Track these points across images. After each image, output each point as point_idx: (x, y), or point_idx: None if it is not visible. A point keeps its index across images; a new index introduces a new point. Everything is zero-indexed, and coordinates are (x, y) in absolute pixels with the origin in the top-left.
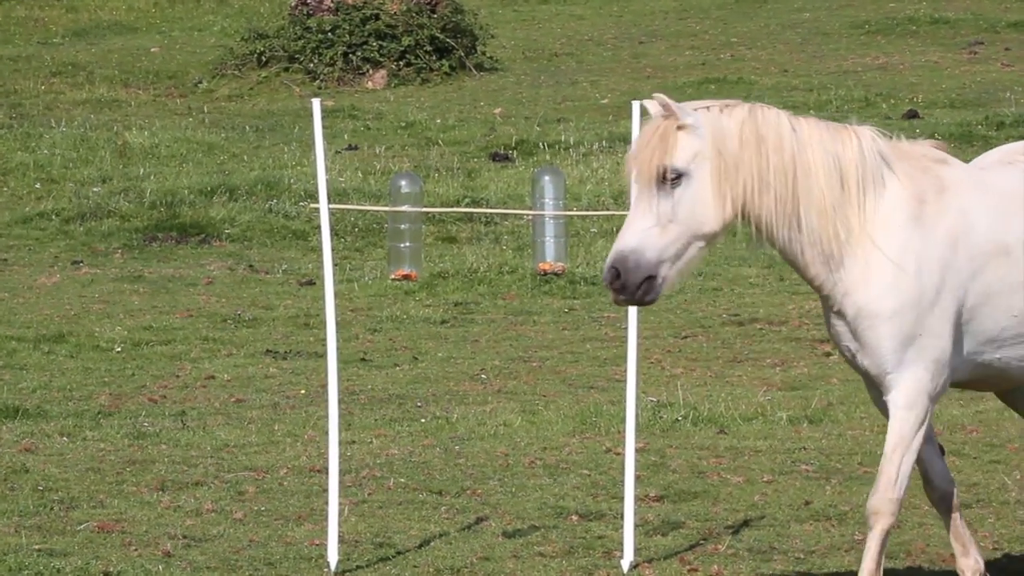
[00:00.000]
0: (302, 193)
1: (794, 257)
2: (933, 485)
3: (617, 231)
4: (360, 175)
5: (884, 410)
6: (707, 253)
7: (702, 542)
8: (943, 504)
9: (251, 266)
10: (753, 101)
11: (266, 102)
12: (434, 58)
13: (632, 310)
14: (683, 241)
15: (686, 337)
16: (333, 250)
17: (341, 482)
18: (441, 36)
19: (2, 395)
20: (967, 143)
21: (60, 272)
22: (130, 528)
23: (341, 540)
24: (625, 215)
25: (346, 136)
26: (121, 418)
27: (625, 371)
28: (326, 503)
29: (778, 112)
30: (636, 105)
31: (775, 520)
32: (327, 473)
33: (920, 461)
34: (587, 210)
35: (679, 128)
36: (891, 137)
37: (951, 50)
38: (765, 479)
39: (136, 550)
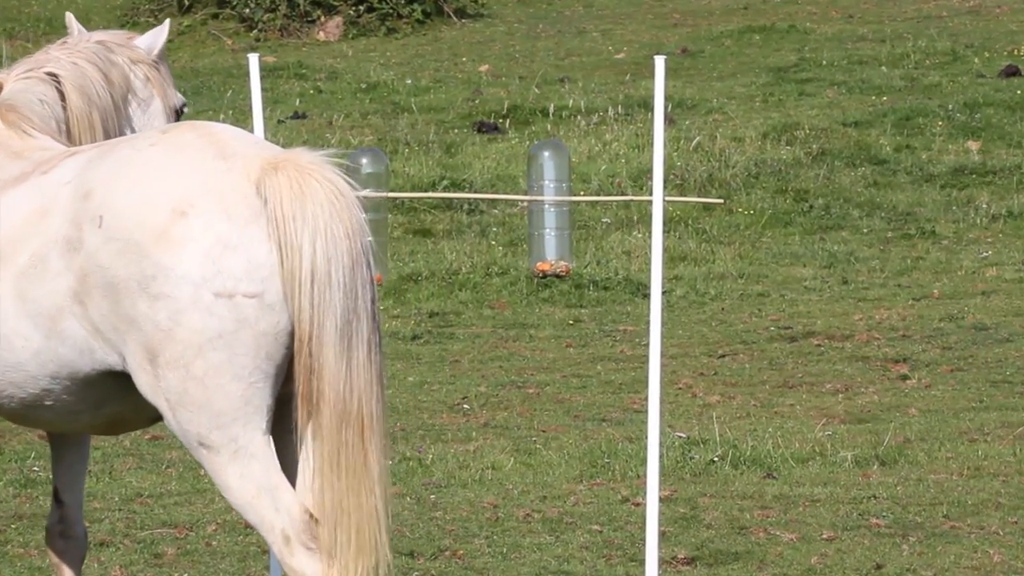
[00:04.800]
0: None
1: None
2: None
3: (637, 220)
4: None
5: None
6: None
7: None
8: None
9: None
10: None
11: (190, 57)
12: (403, 2)
13: (655, 321)
14: None
15: (723, 356)
16: None
17: None
18: None
19: None
20: None
21: None
22: None
23: None
24: (648, 200)
25: (293, 101)
26: (4, 461)
27: (646, 400)
28: (266, 568)
29: None
30: (660, 61)
31: None
32: None
33: None
34: (598, 194)
35: None
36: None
37: None
38: (825, 536)
39: None
